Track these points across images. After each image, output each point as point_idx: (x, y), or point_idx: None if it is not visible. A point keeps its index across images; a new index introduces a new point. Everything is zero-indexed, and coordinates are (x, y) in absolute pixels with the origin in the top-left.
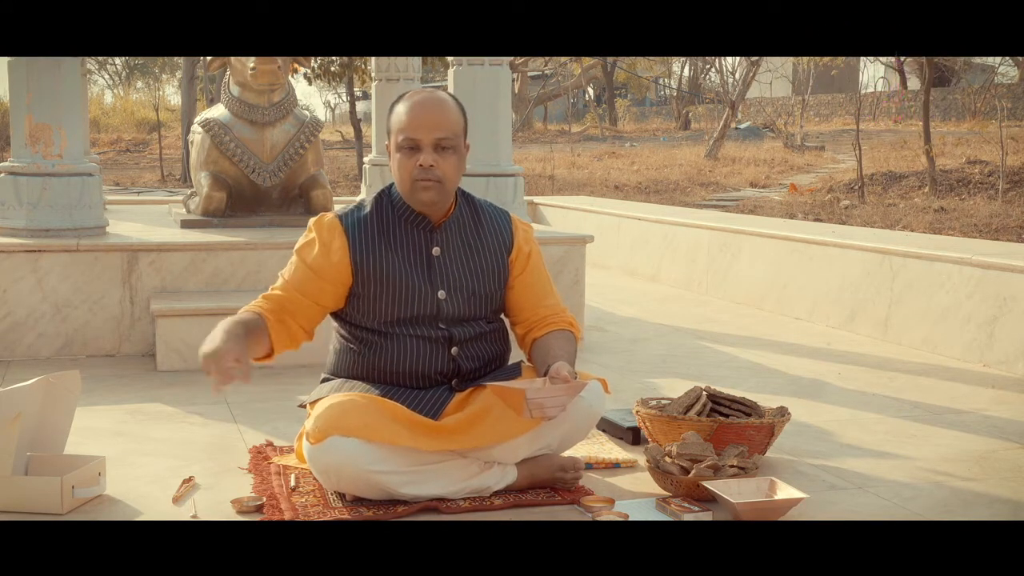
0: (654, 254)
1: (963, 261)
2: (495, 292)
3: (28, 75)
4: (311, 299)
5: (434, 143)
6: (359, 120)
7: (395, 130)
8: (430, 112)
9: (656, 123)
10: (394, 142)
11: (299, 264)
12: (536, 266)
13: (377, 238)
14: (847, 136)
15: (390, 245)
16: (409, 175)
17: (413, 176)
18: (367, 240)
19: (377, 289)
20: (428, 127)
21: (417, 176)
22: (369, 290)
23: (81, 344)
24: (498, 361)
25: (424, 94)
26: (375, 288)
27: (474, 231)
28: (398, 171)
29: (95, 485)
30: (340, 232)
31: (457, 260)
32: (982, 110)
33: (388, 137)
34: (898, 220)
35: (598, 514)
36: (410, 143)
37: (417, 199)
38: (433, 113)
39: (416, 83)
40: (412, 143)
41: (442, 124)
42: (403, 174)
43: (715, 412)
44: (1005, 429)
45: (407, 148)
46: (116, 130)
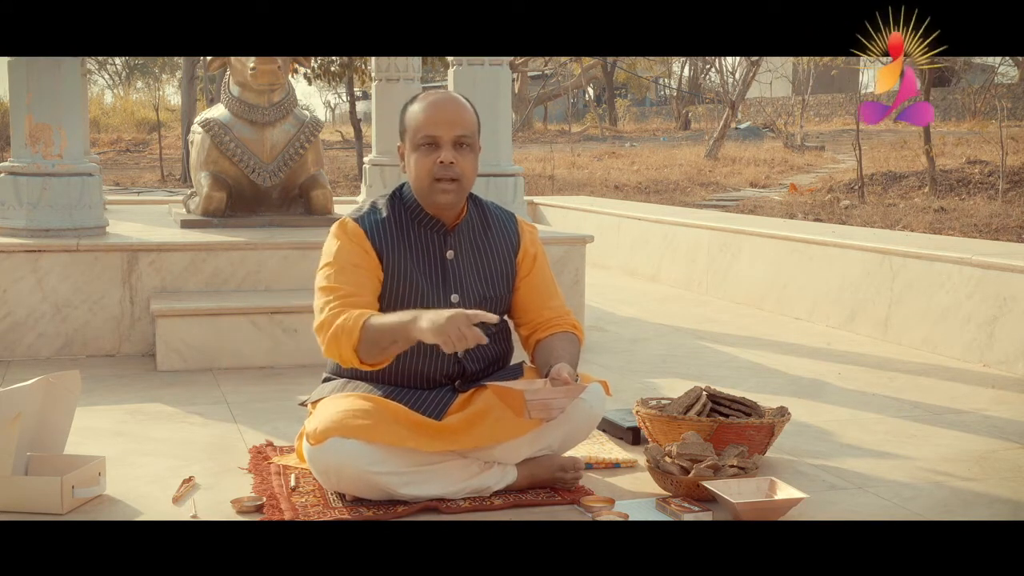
0: (654, 254)
1: (963, 261)
2: (504, 295)
3: (28, 75)
4: (373, 296)
5: (454, 140)
6: (359, 120)
7: (412, 128)
8: (449, 110)
9: (656, 123)
10: (410, 141)
11: (350, 269)
12: (541, 268)
13: (395, 240)
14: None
15: (408, 248)
16: (428, 173)
17: (433, 174)
18: (388, 242)
19: (394, 292)
20: (448, 124)
21: (437, 174)
22: (387, 291)
23: (81, 344)
24: (501, 362)
25: (440, 93)
26: (392, 290)
27: (484, 234)
28: (415, 170)
29: (95, 485)
30: (363, 235)
31: (469, 263)
32: (982, 110)
33: (402, 138)
34: (898, 220)
35: (598, 514)
36: (429, 140)
37: (434, 201)
38: (452, 111)
39: (416, 83)
40: (431, 139)
41: (461, 121)
42: (421, 172)
43: (715, 412)
44: (1005, 429)
45: (426, 145)
46: (116, 130)
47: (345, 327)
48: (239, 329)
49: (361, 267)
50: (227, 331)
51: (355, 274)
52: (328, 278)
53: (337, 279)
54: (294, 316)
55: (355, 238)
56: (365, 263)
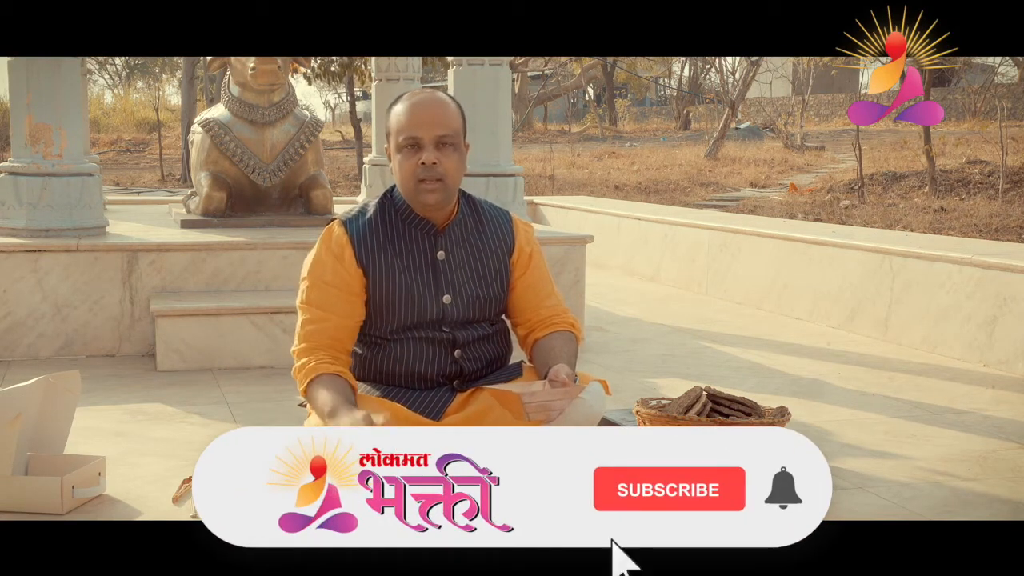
0: (654, 254)
1: (963, 261)
2: (498, 295)
3: (28, 75)
4: (352, 319)
5: (435, 140)
6: (359, 120)
7: (395, 130)
8: (429, 110)
9: (656, 123)
10: (394, 143)
11: (322, 287)
12: (537, 266)
13: (382, 243)
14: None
15: (395, 250)
16: (412, 174)
17: (416, 175)
18: (373, 245)
19: (382, 294)
20: (428, 124)
21: (420, 175)
22: (374, 295)
23: (81, 344)
24: (500, 362)
25: (422, 94)
26: (380, 293)
27: (476, 233)
28: (400, 172)
29: (95, 485)
30: (347, 242)
31: (461, 263)
32: (982, 110)
33: (388, 140)
34: (898, 220)
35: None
36: (411, 141)
37: (420, 201)
38: (432, 111)
39: (416, 83)
40: (413, 141)
41: (442, 121)
42: (405, 174)
43: (715, 412)
44: (1005, 429)
45: (408, 147)
46: (116, 130)
47: (297, 376)
48: (239, 329)
49: (332, 286)
50: (227, 331)
51: (325, 294)
52: (302, 293)
53: (308, 297)
54: (294, 316)
55: (337, 248)
56: (339, 280)
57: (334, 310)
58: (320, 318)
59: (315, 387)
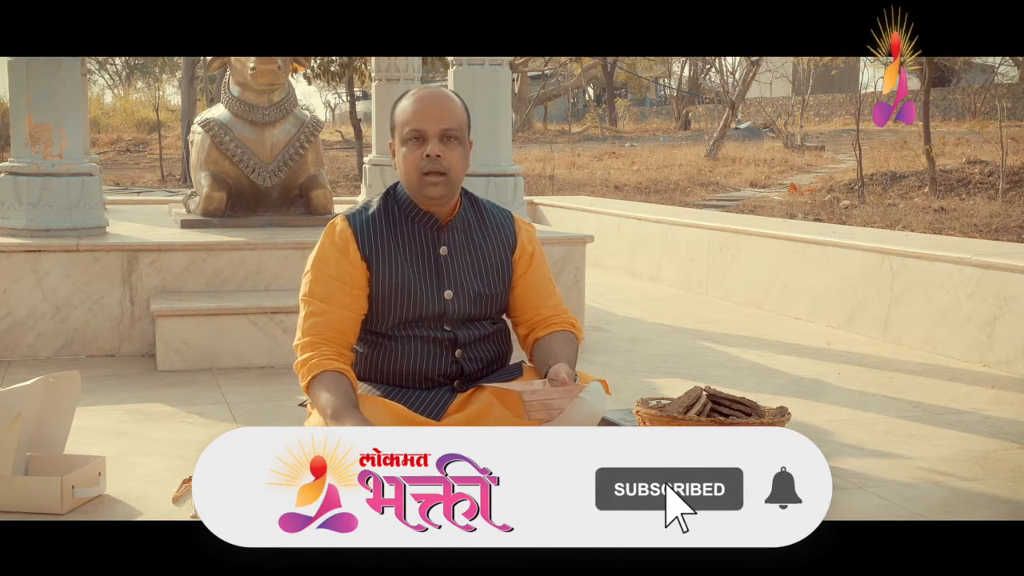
0: (654, 254)
1: (963, 261)
2: (500, 293)
3: (28, 75)
4: (355, 311)
5: (440, 133)
6: (359, 120)
7: (400, 123)
8: (435, 104)
9: (656, 123)
10: (399, 136)
11: (325, 280)
12: (539, 266)
13: (385, 237)
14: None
15: (398, 244)
16: (416, 167)
17: (421, 168)
18: (376, 238)
19: (384, 288)
20: (434, 117)
21: (424, 168)
22: (377, 288)
23: (81, 344)
24: (500, 362)
25: (428, 89)
26: (382, 287)
27: (479, 230)
28: (404, 165)
29: (95, 485)
30: (351, 237)
31: (464, 260)
32: (982, 110)
33: (392, 134)
34: (898, 220)
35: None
36: (416, 134)
37: (424, 194)
38: (438, 104)
39: (416, 83)
40: (418, 133)
41: (447, 115)
42: (409, 167)
43: (715, 412)
44: (1005, 429)
45: (413, 139)
46: (116, 130)
47: (300, 371)
48: (239, 329)
49: (336, 279)
50: (227, 331)
51: (329, 287)
52: (305, 287)
53: (311, 290)
54: (294, 316)
55: (341, 241)
56: (344, 274)
57: (337, 303)
58: (323, 310)
59: (317, 385)
